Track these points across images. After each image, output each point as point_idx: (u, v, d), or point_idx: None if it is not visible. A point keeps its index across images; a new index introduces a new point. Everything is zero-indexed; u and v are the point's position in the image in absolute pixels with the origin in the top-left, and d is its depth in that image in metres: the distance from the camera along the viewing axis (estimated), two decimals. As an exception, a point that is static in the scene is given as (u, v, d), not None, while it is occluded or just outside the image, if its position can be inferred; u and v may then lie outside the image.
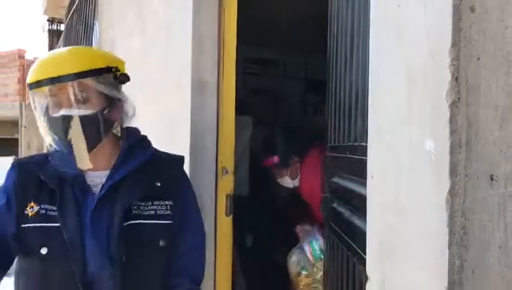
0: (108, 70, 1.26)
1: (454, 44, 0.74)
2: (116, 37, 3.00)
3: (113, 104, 1.28)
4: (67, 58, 1.25)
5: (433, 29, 0.77)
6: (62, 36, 6.38)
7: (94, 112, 1.22)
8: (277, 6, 3.29)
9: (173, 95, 2.00)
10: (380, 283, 0.86)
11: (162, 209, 1.31)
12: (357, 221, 1.19)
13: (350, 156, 1.32)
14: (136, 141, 1.36)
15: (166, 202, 1.33)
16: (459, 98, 0.74)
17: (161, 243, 1.29)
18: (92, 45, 3.71)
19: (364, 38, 1.08)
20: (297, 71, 4.82)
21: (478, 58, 0.76)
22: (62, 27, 7.30)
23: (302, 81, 4.85)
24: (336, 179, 1.58)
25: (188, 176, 1.78)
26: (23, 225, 1.22)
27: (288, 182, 2.47)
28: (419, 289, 0.78)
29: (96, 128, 1.24)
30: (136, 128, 1.41)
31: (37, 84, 1.19)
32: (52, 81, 1.18)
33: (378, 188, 0.87)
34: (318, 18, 1.69)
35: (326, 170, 1.74)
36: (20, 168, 1.30)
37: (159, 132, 2.15)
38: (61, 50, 1.32)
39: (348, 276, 1.26)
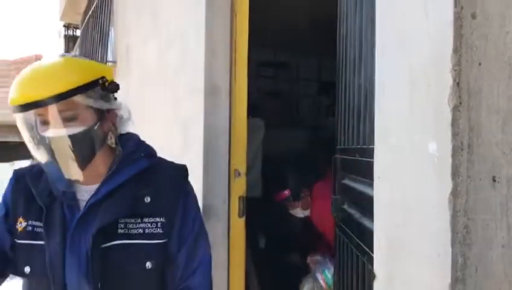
0: (95, 83, 1.17)
1: (456, 50, 0.77)
2: (132, 43, 3.06)
3: (104, 116, 1.20)
4: (53, 76, 1.14)
5: (435, 35, 0.80)
6: (78, 41, 6.49)
7: (84, 128, 1.14)
8: (290, 10, 3.33)
9: (187, 99, 2.05)
10: (387, 280, 0.89)
11: (152, 228, 1.20)
12: (366, 222, 1.22)
13: (359, 158, 1.35)
14: (130, 151, 1.25)
15: (157, 219, 1.21)
16: (460, 103, 0.77)
17: (148, 266, 1.18)
18: (108, 51, 3.78)
19: (372, 42, 1.11)
20: (310, 73, 4.86)
21: (479, 64, 0.79)
22: (78, 32, 7.44)
23: (315, 83, 4.89)
24: (345, 181, 1.61)
25: (201, 180, 1.82)
26: (15, 239, 1.20)
27: (299, 213, 2.61)
28: (424, 286, 0.81)
29: (88, 145, 1.17)
30: (133, 134, 1.30)
31: (22, 109, 1.10)
32: (37, 104, 1.09)
33: (385, 189, 0.91)
34: (331, 20, 1.72)
35: (337, 172, 1.77)
36: (16, 181, 1.26)
37: (174, 135, 2.20)
38: (44, 65, 1.19)
39: (358, 275, 1.28)
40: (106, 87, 1.19)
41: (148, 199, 1.21)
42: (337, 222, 1.81)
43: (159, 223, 1.20)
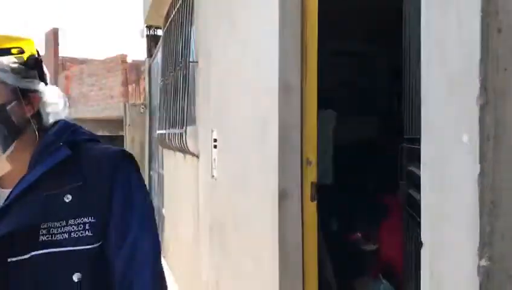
0: (6, 51, 1.00)
1: (482, 58, 0.95)
2: (211, 44, 3.37)
3: (24, 96, 1.02)
4: None
5: (466, 47, 0.99)
6: (160, 41, 7.01)
7: None
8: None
9: (263, 96, 2.31)
10: (431, 247, 1.09)
11: (79, 231, 1.00)
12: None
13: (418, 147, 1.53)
14: (50, 141, 1.05)
15: (84, 219, 1.01)
16: (487, 102, 0.95)
17: (75, 278, 0.98)
18: (190, 51, 4.14)
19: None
20: (384, 62, 4.91)
21: (505, 69, 0.97)
22: (159, 32, 7.99)
23: (388, 71, 4.94)
24: (411, 168, 1.80)
25: (276, 168, 2.07)
26: None
27: (371, 247, 2.96)
28: (459, 250, 1.00)
29: None
30: (61, 120, 1.11)
31: None
32: None
33: (429, 172, 1.11)
34: (401, 6, 1.86)
35: (404, 160, 1.97)
36: None
37: (253, 130, 2.48)
38: None
39: (418, 250, 1.47)
40: (24, 62, 1.03)
41: (68, 198, 1.01)
42: (404, 206, 2.01)
43: (86, 225, 1.00)
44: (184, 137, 4.06)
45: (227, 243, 2.99)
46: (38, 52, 1.08)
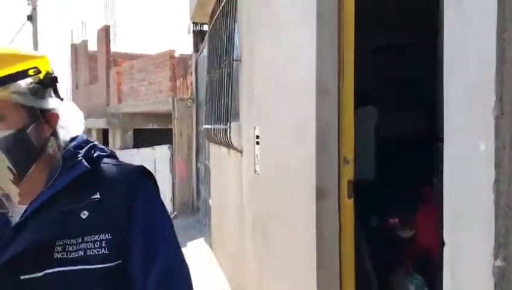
0: (23, 74, 0.97)
1: (498, 72, 1.01)
2: (253, 43, 3.48)
3: (39, 117, 1.01)
4: None
5: (483, 55, 1.04)
6: (206, 37, 7.20)
7: (12, 132, 0.96)
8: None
9: (301, 97, 2.40)
10: (451, 246, 1.16)
11: (95, 248, 0.97)
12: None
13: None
14: (69, 156, 1.04)
15: (101, 236, 0.98)
16: (502, 113, 1.01)
17: None
18: (233, 49, 4.27)
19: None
20: (428, 55, 4.84)
21: (521, 81, 1.02)
22: (205, 27, 8.20)
23: (430, 65, 4.86)
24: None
25: (314, 166, 2.15)
26: None
27: (408, 233, 3.00)
28: (477, 250, 1.07)
29: (19, 153, 0.97)
30: (79, 136, 1.09)
31: None
32: None
33: (449, 175, 1.18)
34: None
35: (438, 158, 2.02)
36: None
37: (292, 129, 2.58)
38: None
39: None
40: (40, 81, 1.01)
41: (85, 214, 0.99)
42: (438, 204, 2.06)
43: (103, 242, 0.98)
44: (228, 132, 4.21)
45: (268, 236, 3.11)
46: (52, 68, 1.06)
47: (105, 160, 1.08)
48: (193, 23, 9.65)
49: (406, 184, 3.63)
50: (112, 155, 1.10)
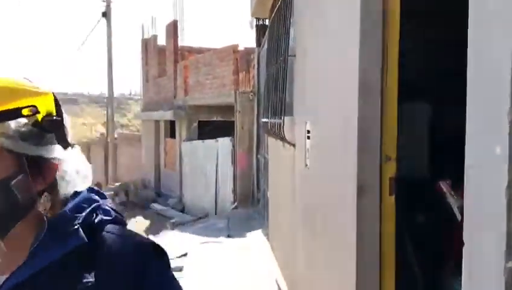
0: (15, 113, 0.80)
1: (513, 78, 1.02)
2: (307, 42, 3.54)
3: (34, 166, 0.83)
4: None
5: (498, 60, 1.06)
6: (266, 33, 7.31)
7: None
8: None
9: (346, 95, 2.44)
10: (469, 247, 1.19)
11: None
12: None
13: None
14: (62, 220, 0.85)
15: None
16: (516, 117, 1.02)
17: None
18: (288, 47, 4.34)
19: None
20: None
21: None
22: (267, 22, 8.32)
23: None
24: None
25: (356, 164, 2.19)
26: None
27: (459, 201, 2.80)
28: (489, 248, 1.09)
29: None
30: (84, 191, 0.91)
31: None
32: None
33: (468, 177, 1.20)
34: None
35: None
36: None
37: (337, 126, 2.63)
38: None
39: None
40: (37, 123, 0.82)
41: (90, 279, 0.81)
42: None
43: None
44: (282, 126, 4.30)
45: (316, 230, 3.18)
46: (59, 107, 0.86)
47: (109, 227, 0.88)
48: (255, 18, 9.80)
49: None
50: (118, 221, 0.90)
